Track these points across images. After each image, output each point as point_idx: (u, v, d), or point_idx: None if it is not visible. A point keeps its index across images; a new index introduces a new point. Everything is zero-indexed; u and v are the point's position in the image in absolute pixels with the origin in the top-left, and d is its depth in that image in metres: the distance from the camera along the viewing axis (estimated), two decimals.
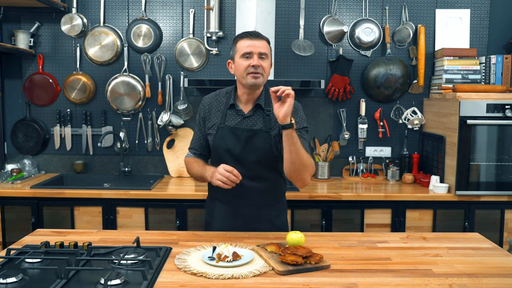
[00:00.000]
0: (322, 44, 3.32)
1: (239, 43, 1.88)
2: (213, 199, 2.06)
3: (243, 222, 1.98)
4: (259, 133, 1.92)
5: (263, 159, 1.93)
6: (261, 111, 1.96)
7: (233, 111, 1.97)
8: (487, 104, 2.77)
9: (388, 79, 3.25)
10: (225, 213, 2.01)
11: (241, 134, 1.93)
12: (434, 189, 2.90)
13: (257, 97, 1.97)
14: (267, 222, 2.01)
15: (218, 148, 1.95)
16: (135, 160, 3.37)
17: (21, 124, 3.32)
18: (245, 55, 1.85)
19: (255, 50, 1.84)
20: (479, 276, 1.51)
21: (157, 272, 1.49)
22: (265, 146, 1.92)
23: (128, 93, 3.27)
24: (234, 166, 1.88)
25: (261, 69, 1.85)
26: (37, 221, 2.82)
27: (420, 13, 3.31)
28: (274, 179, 2.01)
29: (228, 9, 3.27)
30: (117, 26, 3.30)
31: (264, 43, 1.88)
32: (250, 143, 1.92)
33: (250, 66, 1.84)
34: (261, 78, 1.86)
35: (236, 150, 1.92)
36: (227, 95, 2.01)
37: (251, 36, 1.87)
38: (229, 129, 1.94)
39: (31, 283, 1.39)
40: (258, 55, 1.85)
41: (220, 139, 1.94)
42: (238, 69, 1.88)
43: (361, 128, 3.29)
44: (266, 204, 2.01)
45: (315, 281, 1.46)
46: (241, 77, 1.88)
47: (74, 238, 1.85)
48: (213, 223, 2.05)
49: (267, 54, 1.88)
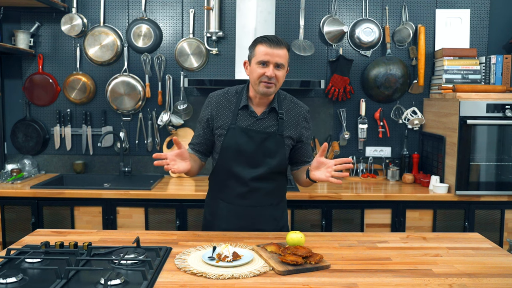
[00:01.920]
0: (322, 44, 3.32)
1: (257, 48, 1.85)
2: (216, 198, 2.05)
3: (247, 222, 1.99)
4: (273, 136, 1.93)
5: (274, 161, 1.94)
6: (274, 114, 1.96)
7: (245, 112, 1.96)
8: (487, 104, 2.77)
9: (388, 79, 3.25)
10: (230, 213, 2.00)
11: (254, 136, 1.92)
12: (434, 189, 2.90)
13: (270, 101, 1.96)
14: (271, 222, 2.02)
15: (229, 148, 1.94)
16: (135, 160, 3.37)
17: (21, 124, 3.32)
18: (261, 62, 1.83)
19: (272, 59, 1.82)
20: (479, 276, 1.51)
21: (157, 272, 1.49)
22: (278, 149, 1.94)
23: (128, 93, 3.27)
24: (244, 165, 1.92)
25: (274, 80, 1.84)
26: (37, 221, 2.82)
27: (420, 13, 3.31)
28: (279, 180, 2.02)
29: (228, 9, 3.27)
30: (117, 26, 3.30)
31: (283, 52, 1.84)
32: (263, 145, 1.93)
33: (264, 75, 1.83)
34: (273, 88, 1.86)
35: (248, 151, 1.92)
36: (237, 95, 1.99)
37: (271, 42, 1.83)
38: (241, 130, 1.93)
39: (31, 283, 1.39)
40: (274, 65, 1.83)
41: (231, 139, 1.93)
42: (252, 74, 1.87)
43: (361, 128, 3.29)
44: (271, 204, 2.01)
45: (315, 281, 1.46)
46: (254, 83, 1.88)
47: (74, 238, 1.85)
48: (216, 223, 2.04)
49: (284, 65, 1.86)
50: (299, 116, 2.00)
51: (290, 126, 1.98)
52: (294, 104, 2.02)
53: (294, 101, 2.03)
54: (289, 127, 1.97)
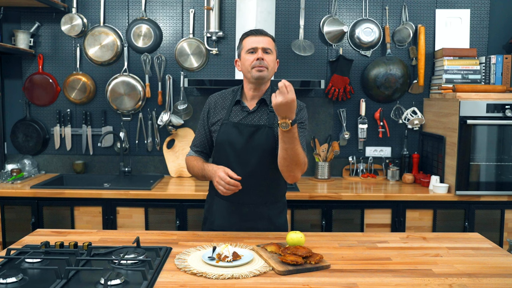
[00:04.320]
0: (322, 44, 3.32)
1: (245, 41, 1.96)
2: (212, 195, 2.08)
3: (240, 219, 1.99)
4: (262, 128, 1.95)
5: (264, 155, 1.94)
6: (265, 107, 1.99)
7: (238, 107, 2.01)
8: (487, 104, 2.77)
9: (388, 79, 3.25)
10: (224, 209, 2.02)
11: (244, 129, 1.95)
12: (434, 189, 2.90)
13: (262, 94, 2.00)
14: (265, 221, 2.01)
15: (222, 143, 1.98)
16: (135, 160, 3.37)
17: (21, 124, 3.32)
18: (250, 50, 1.92)
19: (259, 45, 1.91)
20: (479, 276, 1.51)
21: (157, 272, 1.49)
22: (267, 142, 1.94)
23: (128, 93, 3.27)
24: (236, 161, 1.93)
25: (265, 63, 1.90)
26: (37, 221, 2.82)
27: (420, 13, 3.31)
28: (274, 178, 2.00)
29: (228, 9, 3.27)
30: (117, 26, 3.30)
31: (268, 39, 1.95)
32: (253, 138, 1.94)
33: (255, 60, 1.90)
34: (265, 71, 1.91)
35: (238, 145, 1.94)
36: (233, 93, 2.06)
37: (255, 33, 1.95)
38: (233, 124, 1.97)
39: (31, 283, 1.39)
40: (262, 50, 1.91)
41: (223, 134, 1.97)
42: (244, 64, 1.94)
43: (361, 128, 3.29)
44: (265, 203, 2.01)
45: (315, 281, 1.46)
46: (246, 71, 1.94)
47: (74, 238, 1.85)
48: (211, 219, 2.07)
49: (271, 49, 1.94)
50: None
51: None
52: None
53: None
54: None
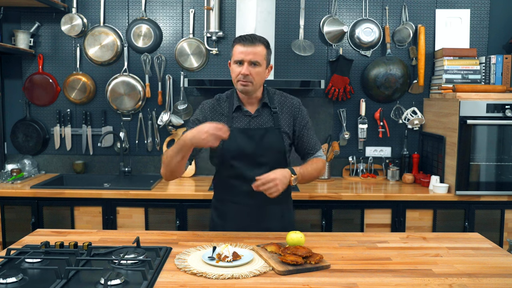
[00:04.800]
0: (322, 44, 3.32)
1: (234, 48, 1.90)
2: (223, 200, 2.05)
3: (254, 221, 2.00)
4: (270, 131, 1.96)
5: (276, 156, 1.96)
6: (267, 109, 1.99)
7: (239, 113, 1.98)
8: (487, 104, 2.77)
9: (388, 79, 3.25)
10: (238, 213, 2.01)
11: (253, 134, 1.94)
12: (434, 189, 2.90)
13: (260, 97, 1.99)
14: (278, 220, 2.03)
15: (229, 151, 1.94)
16: (135, 160, 3.37)
17: (21, 124, 3.31)
18: (237, 62, 1.88)
19: (246, 57, 1.85)
20: (479, 276, 1.51)
21: (157, 272, 1.49)
22: (278, 143, 1.96)
23: (128, 93, 3.27)
24: (248, 166, 1.93)
25: (250, 78, 1.87)
26: (37, 221, 2.82)
27: (420, 13, 3.31)
28: None
29: (228, 9, 3.27)
30: (117, 26, 3.30)
31: (259, 49, 1.86)
32: (263, 141, 1.94)
33: (240, 74, 1.87)
34: (250, 86, 1.89)
35: (249, 150, 1.93)
36: (228, 99, 2.02)
37: (244, 41, 1.86)
38: (239, 131, 1.95)
39: (31, 283, 1.39)
40: (248, 63, 1.86)
41: (231, 142, 1.91)
42: (232, 74, 1.93)
43: (361, 128, 3.29)
44: (279, 202, 2.00)
45: (315, 281, 1.46)
46: (233, 82, 1.94)
47: (74, 238, 1.85)
48: (222, 223, 2.04)
49: (260, 61, 1.87)
50: (292, 107, 2.02)
51: (285, 118, 2.00)
52: (285, 98, 2.05)
53: (284, 95, 2.06)
54: (284, 119, 2.00)
